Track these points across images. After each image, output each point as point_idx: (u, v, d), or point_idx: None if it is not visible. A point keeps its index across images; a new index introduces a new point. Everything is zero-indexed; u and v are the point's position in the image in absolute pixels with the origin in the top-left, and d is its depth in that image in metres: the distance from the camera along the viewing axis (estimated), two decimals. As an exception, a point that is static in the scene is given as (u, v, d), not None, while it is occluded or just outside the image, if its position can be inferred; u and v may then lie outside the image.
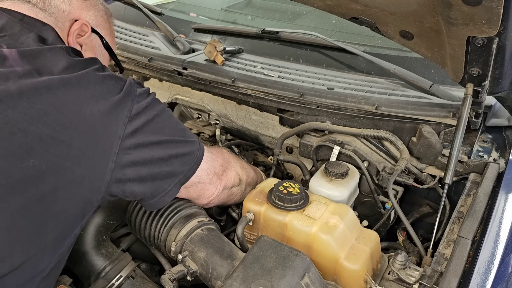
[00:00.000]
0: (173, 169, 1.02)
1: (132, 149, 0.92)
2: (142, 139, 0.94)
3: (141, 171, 0.95)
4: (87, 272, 1.22)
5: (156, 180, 1.00)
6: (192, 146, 1.07)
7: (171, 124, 1.04)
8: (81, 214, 0.94)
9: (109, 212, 1.28)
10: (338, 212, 1.14)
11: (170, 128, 1.02)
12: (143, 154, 0.94)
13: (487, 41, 0.94)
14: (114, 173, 0.91)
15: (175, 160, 1.02)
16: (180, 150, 1.03)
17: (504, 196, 1.19)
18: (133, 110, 0.93)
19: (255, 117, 1.64)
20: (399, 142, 1.39)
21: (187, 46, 1.73)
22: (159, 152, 0.97)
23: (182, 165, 1.04)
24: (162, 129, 0.99)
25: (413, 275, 1.03)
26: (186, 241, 1.11)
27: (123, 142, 0.90)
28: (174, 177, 1.03)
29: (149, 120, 0.95)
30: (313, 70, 1.59)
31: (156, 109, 0.99)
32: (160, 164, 0.98)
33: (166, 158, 0.99)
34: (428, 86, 1.38)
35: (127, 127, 0.91)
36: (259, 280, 0.91)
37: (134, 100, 0.94)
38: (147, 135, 0.95)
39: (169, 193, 1.04)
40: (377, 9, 1.05)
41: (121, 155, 0.90)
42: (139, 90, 0.97)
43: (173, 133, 1.03)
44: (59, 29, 1.03)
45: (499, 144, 1.38)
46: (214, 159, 1.17)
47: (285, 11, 2.11)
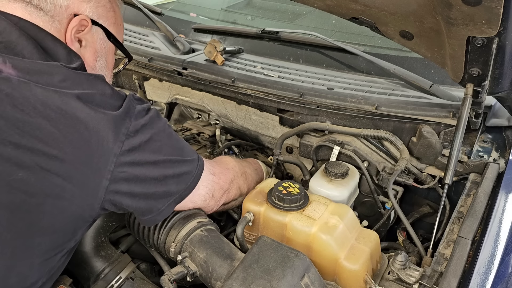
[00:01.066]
0: (168, 189, 1.00)
1: (127, 167, 0.90)
2: (138, 158, 0.91)
3: (135, 189, 0.93)
4: (87, 273, 1.22)
5: (150, 199, 0.98)
6: (189, 166, 1.05)
7: (169, 142, 1.01)
8: (72, 229, 0.92)
9: (108, 214, 1.27)
10: (338, 212, 1.14)
11: (168, 147, 0.99)
12: (138, 172, 0.92)
13: (487, 41, 0.94)
14: (108, 190, 0.89)
15: (170, 180, 1.00)
16: (177, 170, 1.01)
17: (504, 196, 1.19)
18: (131, 127, 0.90)
19: (255, 117, 1.64)
20: (399, 142, 1.39)
21: (187, 46, 1.73)
22: (154, 171, 0.95)
23: (178, 185, 1.02)
24: (159, 148, 0.96)
25: (413, 275, 1.03)
26: (185, 242, 1.11)
27: (118, 159, 0.88)
28: (169, 197, 1.02)
29: (147, 139, 0.93)
30: (313, 70, 1.59)
31: (155, 127, 0.96)
32: (155, 184, 0.96)
33: (162, 178, 0.97)
34: (428, 86, 1.38)
35: (124, 145, 0.88)
36: (259, 281, 0.91)
37: (132, 117, 0.91)
38: (144, 154, 0.92)
39: (163, 212, 1.02)
40: (377, 9, 1.05)
41: (116, 172, 0.88)
42: (139, 107, 0.94)
43: (171, 152, 1.00)
44: (55, 30, 0.98)
45: (499, 144, 1.38)
46: (216, 182, 1.15)
47: (285, 11, 2.11)
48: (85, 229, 0.97)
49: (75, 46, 1.02)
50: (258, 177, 1.42)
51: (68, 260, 1.01)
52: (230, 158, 1.32)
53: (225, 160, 1.30)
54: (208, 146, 1.75)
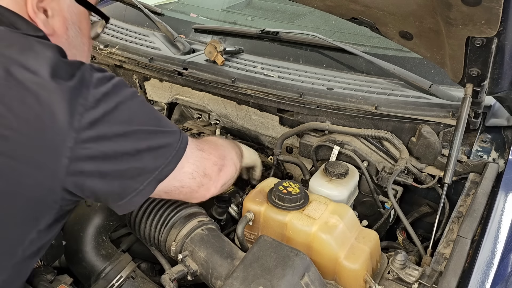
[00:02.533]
0: (144, 165, 0.88)
1: (91, 142, 0.80)
2: (103, 131, 0.81)
3: (104, 167, 0.83)
4: (87, 272, 1.23)
5: (124, 178, 0.87)
6: (169, 137, 0.93)
7: (141, 111, 0.89)
8: (34, 217, 0.84)
9: (109, 212, 1.28)
10: (338, 212, 1.14)
11: (140, 117, 0.88)
12: (106, 148, 0.82)
13: (486, 42, 0.94)
14: (69, 170, 0.79)
15: (146, 154, 0.88)
16: (153, 142, 0.89)
17: (503, 196, 1.19)
18: (90, 97, 0.80)
19: (255, 117, 1.65)
20: (399, 142, 1.39)
21: (187, 47, 1.73)
22: (125, 145, 0.84)
23: (155, 160, 0.90)
24: (129, 118, 0.86)
25: (412, 275, 1.03)
26: (186, 240, 1.11)
27: (79, 135, 0.78)
28: (147, 174, 0.89)
29: (112, 109, 0.82)
30: (313, 70, 1.59)
31: (121, 95, 0.85)
32: (127, 159, 0.85)
33: (135, 152, 0.86)
34: (428, 86, 1.38)
35: (83, 118, 0.78)
36: (259, 280, 0.92)
37: (90, 86, 0.81)
38: (110, 126, 0.82)
39: (142, 192, 0.90)
40: (377, 10, 1.05)
41: (78, 149, 0.79)
42: (98, 75, 0.84)
43: (144, 121, 0.89)
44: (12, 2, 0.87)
45: (498, 144, 1.38)
46: (206, 157, 1.04)
47: (285, 11, 2.12)
48: (51, 218, 0.86)
49: (40, 17, 0.91)
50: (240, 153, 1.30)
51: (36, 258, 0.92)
52: (217, 137, 1.24)
53: (212, 138, 1.23)
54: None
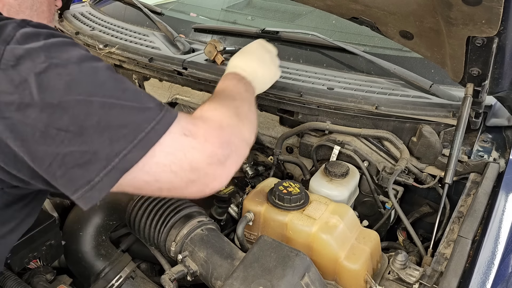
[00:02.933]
0: (95, 149, 0.67)
1: (12, 111, 0.64)
2: (27, 98, 0.64)
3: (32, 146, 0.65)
4: (87, 272, 1.23)
5: (68, 166, 0.67)
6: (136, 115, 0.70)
7: (92, 79, 0.69)
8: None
9: (109, 212, 1.28)
10: (338, 212, 1.14)
11: (88, 85, 0.68)
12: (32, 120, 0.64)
13: (487, 41, 0.94)
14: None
15: (96, 134, 0.67)
16: (105, 118, 0.67)
17: (504, 196, 1.19)
18: (7, 54, 0.64)
19: (255, 117, 1.64)
20: (399, 142, 1.39)
21: (187, 46, 1.73)
22: (62, 119, 0.65)
23: (111, 143, 0.68)
24: (68, 85, 0.66)
25: (413, 275, 1.03)
26: (186, 241, 1.11)
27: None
28: (102, 161, 0.68)
29: (41, 71, 0.64)
30: (313, 70, 1.59)
31: (59, 56, 0.67)
32: (69, 139, 0.65)
33: (76, 129, 0.66)
34: (428, 86, 1.38)
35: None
36: (259, 280, 0.91)
37: (10, 42, 0.65)
38: (38, 92, 0.64)
39: (98, 186, 0.69)
40: (377, 9, 1.05)
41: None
42: (26, 30, 0.68)
43: (94, 92, 0.67)
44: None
45: (499, 144, 1.38)
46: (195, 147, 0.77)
47: (285, 11, 2.11)
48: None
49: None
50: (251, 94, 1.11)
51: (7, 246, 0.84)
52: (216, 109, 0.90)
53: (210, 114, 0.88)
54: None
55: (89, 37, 1.85)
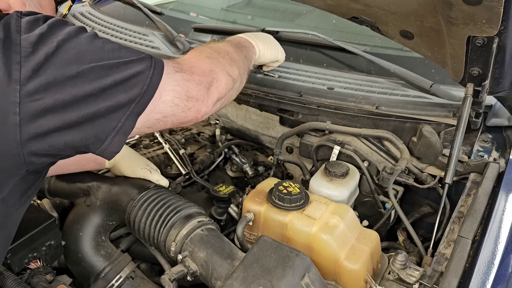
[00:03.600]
0: (116, 101, 0.79)
1: (41, 93, 0.72)
2: (52, 76, 0.73)
3: (66, 117, 0.75)
4: (87, 272, 1.22)
5: (96, 120, 0.78)
6: (137, 66, 0.82)
7: (93, 47, 0.79)
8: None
9: (108, 212, 1.28)
10: (338, 212, 1.14)
11: (92, 53, 0.78)
12: (61, 95, 0.73)
13: (487, 41, 0.94)
14: (24, 129, 0.72)
15: (114, 90, 0.79)
16: (118, 76, 0.79)
17: (504, 196, 1.19)
18: (23, 43, 0.72)
19: (255, 117, 1.64)
20: (400, 142, 1.39)
21: (187, 46, 1.73)
22: (84, 86, 0.75)
23: (127, 93, 0.80)
24: (78, 56, 0.76)
25: (413, 275, 1.03)
26: (186, 241, 1.11)
27: (24, 86, 0.70)
28: (122, 109, 0.80)
29: (54, 50, 0.73)
30: (313, 70, 1.59)
31: (61, 33, 0.76)
32: (93, 101, 0.77)
33: (98, 91, 0.77)
34: (429, 86, 1.38)
35: (23, 66, 0.71)
36: (259, 280, 0.91)
37: (20, 30, 0.73)
38: (58, 69, 0.73)
39: (122, 129, 0.82)
40: (378, 9, 1.05)
41: (27, 103, 0.71)
42: (27, 18, 0.76)
43: (100, 57, 0.78)
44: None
45: (499, 144, 1.38)
46: (187, 79, 0.92)
47: (285, 10, 2.11)
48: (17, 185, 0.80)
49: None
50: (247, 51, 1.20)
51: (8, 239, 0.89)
52: (200, 46, 1.08)
53: (193, 51, 1.05)
54: (208, 146, 1.75)
55: (89, 37, 1.85)
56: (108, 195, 1.28)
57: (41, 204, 1.41)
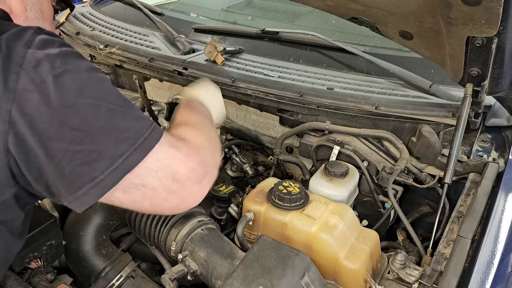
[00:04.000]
0: (102, 149, 0.73)
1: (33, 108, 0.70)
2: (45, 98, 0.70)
3: (48, 142, 0.71)
4: (87, 272, 1.23)
5: (77, 162, 0.72)
6: (135, 121, 0.77)
7: (98, 87, 0.76)
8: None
9: (109, 212, 1.28)
10: (338, 212, 1.14)
11: (95, 91, 0.75)
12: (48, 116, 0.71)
13: (486, 41, 0.94)
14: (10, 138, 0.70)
15: (103, 135, 0.73)
16: (111, 122, 0.74)
17: (503, 195, 1.19)
18: (29, 57, 0.71)
19: (255, 117, 1.64)
20: (399, 142, 1.39)
21: (187, 46, 1.73)
22: (73, 118, 0.71)
23: (116, 145, 0.74)
24: (80, 89, 0.73)
25: (412, 275, 1.03)
26: (186, 240, 1.11)
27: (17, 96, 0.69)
28: (107, 161, 0.73)
29: (58, 74, 0.71)
30: (313, 70, 1.59)
31: (71, 63, 0.74)
32: (79, 138, 0.72)
33: (87, 129, 0.72)
34: (428, 86, 1.38)
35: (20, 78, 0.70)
36: (259, 280, 0.92)
37: (30, 45, 0.72)
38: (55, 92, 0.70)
39: (102, 183, 0.74)
40: (377, 9, 1.05)
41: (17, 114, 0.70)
42: (43, 37, 0.75)
43: (102, 98, 0.75)
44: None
45: (498, 144, 1.38)
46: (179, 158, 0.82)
47: (285, 11, 2.12)
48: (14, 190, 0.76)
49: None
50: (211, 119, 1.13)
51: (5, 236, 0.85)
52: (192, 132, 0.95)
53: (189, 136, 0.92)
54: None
55: (89, 37, 1.86)
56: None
57: (42, 204, 1.42)
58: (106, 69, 1.91)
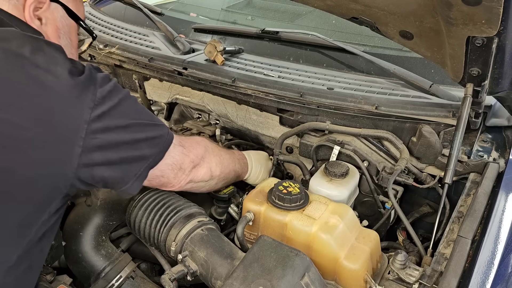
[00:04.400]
0: (142, 153, 1.00)
1: (99, 133, 0.90)
2: (109, 123, 0.92)
3: (110, 156, 0.93)
4: (87, 272, 1.23)
5: (126, 164, 0.98)
6: (160, 130, 1.05)
7: (136, 107, 1.02)
8: (47, 200, 0.91)
9: (109, 212, 1.28)
10: (338, 212, 1.14)
11: (136, 112, 1.01)
12: (111, 138, 0.92)
13: (486, 41, 0.94)
14: (82, 158, 0.88)
15: (143, 144, 1.00)
16: (149, 134, 1.01)
17: (504, 195, 1.19)
18: (98, 94, 0.90)
19: (255, 117, 1.64)
20: (399, 142, 1.39)
21: (187, 46, 1.73)
22: (126, 136, 0.96)
23: (151, 149, 1.02)
24: (128, 113, 0.97)
25: (413, 275, 1.03)
26: (186, 241, 1.11)
27: (89, 126, 0.88)
28: (144, 161, 1.01)
29: (115, 104, 0.93)
30: (313, 70, 1.59)
31: (121, 93, 0.97)
32: (128, 148, 0.97)
33: (134, 141, 0.98)
34: (428, 86, 1.38)
35: (93, 111, 0.88)
36: (259, 280, 0.91)
37: (97, 84, 0.91)
38: (114, 119, 0.93)
39: (140, 177, 1.02)
40: (377, 9, 1.05)
41: (88, 139, 0.88)
42: (101, 74, 0.94)
43: (140, 116, 1.01)
44: (13, 7, 0.97)
45: (499, 144, 1.38)
46: (185, 154, 1.14)
47: (285, 11, 2.12)
48: (59, 202, 0.94)
49: (35, 23, 1.01)
50: (240, 167, 1.39)
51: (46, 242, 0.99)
52: (204, 138, 1.30)
53: (197, 137, 1.30)
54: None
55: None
56: (108, 195, 1.28)
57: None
58: (106, 69, 1.91)
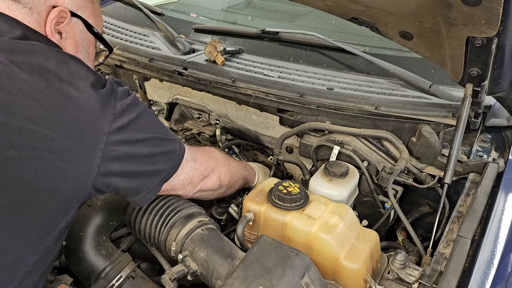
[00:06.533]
0: (158, 167, 1.04)
1: (118, 145, 0.93)
2: (127, 136, 0.94)
3: (127, 167, 0.96)
4: (87, 272, 1.23)
5: (141, 177, 1.01)
6: (174, 144, 1.08)
7: (154, 121, 1.05)
8: (65, 208, 0.93)
9: (109, 212, 1.28)
10: (338, 212, 1.14)
11: (153, 126, 1.03)
12: (129, 150, 0.95)
13: (486, 41, 0.94)
14: (100, 169, 0.91)
15: (159, 158, 1.03)
16: (164, 148, 1.04)
17: (503, 195, 1.19)
18: (118, 107, 0.93)
19: (255, 117, 1.65)
20: (399, 142, 1.39)
21: (187, 47, 1.73)
22: (144, 149, 0.99)
23: (166, 163, 1.05)
24: (146, 127, 1.00)
25: (412, 275, 1.03)
26: (186, 240, 1.11)
27: (109, 138, 0.91)
28: (158, 175, 1.04)
29: (134, 118, 0.96)
30: (313, 70, 1.59)
31: (140, 107, 0.99)
32: (145, 162, 1.00)
33: (151, 155, 1.01)
34: (428, 86, 1.39)
35: (112, 124, 0.91)
36: (259, 280, 0.92)
37: (117, 98, 0.94)
38: (132, 133, 0.96)
39: (153, 190, 1.05)
40: (377, 10, 1.05)
41: (107, 151, 0.91)
42: (121, 88, 0.97)
43: (157, 130, 1.03)
44: (34, 22, 0.99)
45: (498, 144, 1.38)
46: (196, 168, 1.18)
47: (285, 11, 2.12)
48: (76, 210, 0.97)
49: (55, 37, 1.03)
50: (248, 173, 1.43)
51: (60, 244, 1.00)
52: (215, 149, 1.34)
53: (208, 149, 1.33)
54: (209, 146, 1.75)
55: (89, 37, 1.85)
56: (109, 196, 1.28)
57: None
58: (106, 69, 1.91)
